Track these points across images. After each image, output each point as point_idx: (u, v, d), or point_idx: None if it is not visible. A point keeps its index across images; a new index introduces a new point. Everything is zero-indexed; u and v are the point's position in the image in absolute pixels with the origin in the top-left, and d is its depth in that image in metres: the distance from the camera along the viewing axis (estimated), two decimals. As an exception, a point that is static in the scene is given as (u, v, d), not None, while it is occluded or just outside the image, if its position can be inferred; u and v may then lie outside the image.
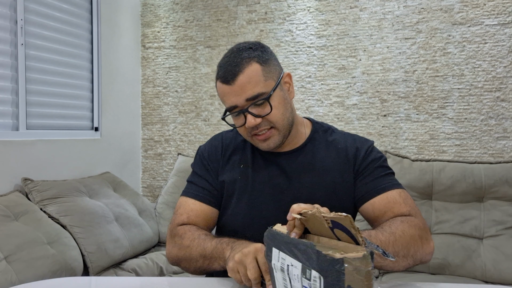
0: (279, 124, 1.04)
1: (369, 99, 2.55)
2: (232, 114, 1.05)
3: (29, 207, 1.98)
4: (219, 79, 1.04)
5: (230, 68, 1.01)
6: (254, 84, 1.00)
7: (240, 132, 1.09)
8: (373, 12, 2.53)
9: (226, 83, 1.01)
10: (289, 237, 0.72)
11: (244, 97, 1.00)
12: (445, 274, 2.04)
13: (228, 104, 1.04)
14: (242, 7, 2.82)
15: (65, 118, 2.51)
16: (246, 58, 1.01)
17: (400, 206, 1.02)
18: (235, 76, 1.00)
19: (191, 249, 1.02)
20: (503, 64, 2.30)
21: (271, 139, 1.05)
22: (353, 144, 1.12)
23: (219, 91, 1.05)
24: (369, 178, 1.07)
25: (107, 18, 2.77)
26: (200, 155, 1.19)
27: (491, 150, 2.33)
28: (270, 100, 1.02)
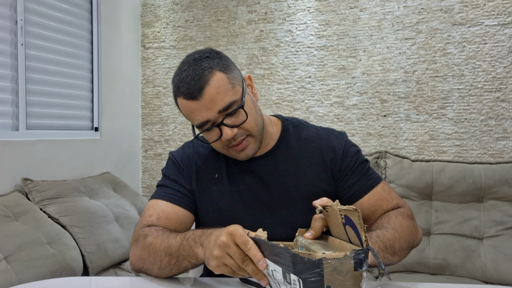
0: (254, 130, 0.99)
1: (369, 99, 2.55)
2: (204, 130, 0.97)
3: (29, 207, 1.98)
4: (181, 96, 0.95)
5: (193, 82, 0.92)
6: (224, 94, 0.93)
7: (215, 146, 1.01)
8: (373, 13, 2.53)
9: (192, 99, 0.93)
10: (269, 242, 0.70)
11: (216, 109, 0.93)
12: (445, 274, 2.04)
13: (198, 120, 0.95)
14: (242, 7, 2.82)
15: (65, 118, 2.51)
16: (208, 68, 0.93)
17: (388, 202, 1.04)
18: (201, 90, 0.92)
19: (155, 246, 0.92)
20: (503, 65, 2.30)
21: (248, 147, 1.00)
22: (328, 143, 1.07)
23: (185, 109, 0.96)
24: (353, 179, 1.05)
25: (107, 18, 2.77)
26: (172, 160, 1.12)
27: (491, 151, 2.33)
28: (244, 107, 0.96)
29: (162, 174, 1.12)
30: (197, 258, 0.85)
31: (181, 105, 0.97)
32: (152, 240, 0.93)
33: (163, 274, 0.94)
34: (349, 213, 0.67)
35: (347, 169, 1.05)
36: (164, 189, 1.07)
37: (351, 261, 0.60)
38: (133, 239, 1.01)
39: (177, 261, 0.89)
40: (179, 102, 0.97)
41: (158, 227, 0.99)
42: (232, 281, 0.95)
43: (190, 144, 1.15)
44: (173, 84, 0.99)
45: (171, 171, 1.10)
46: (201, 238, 0.83)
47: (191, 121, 0.98)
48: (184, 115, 0.99)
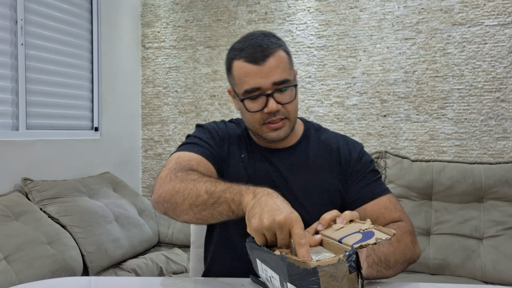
0: (292, 116, 1.03)
1: (369, 99, 2.55)
2: (251, 96, 0.98)
3: (29, 207, 1.98)
4: (242, 58, 0.98)
5: (260, 49, 0.96)
6: (282, 69, 0.98)
7: (250, 118, 1.02)
8: (373, 13, 2.53)
9: (254, 63, 0.96)
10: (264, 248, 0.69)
11: (272, 80, 0.96)
12: (445, 274, 2.04)
13: (249, 85, 0.97)
14: (242, 7, 2.82)
15: (65, 118, 2.51)
16: (275, 43, 0.99)
17: (391, 212, 1.04)
18: (266, 57, 0.96)
19: (198, 182, 0.86)
20: (503, 65, 2.30)
21: (282, 129, 1.02)
22: (346, 147, 1.11)
23: (240, 71, 0.98)
24: (361, 184, 1.07)
25: (107, 18, 2.77)
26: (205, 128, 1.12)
27: (491, 151, 2.33)
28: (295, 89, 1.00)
29: (189, 136, 1.10)
30: (239, 205, 0.78)
31: (237, 68, 0.99)
32: (196, 178, 0.88)
33: (190, 212, 0.86)
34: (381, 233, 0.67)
35: (359, 173, 1.08)
36: (197, 147, 1.04)
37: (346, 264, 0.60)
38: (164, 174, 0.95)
39: (215, 201, 0.81)
40: (236, 65, 0.99)
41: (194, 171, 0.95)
42: (233, 281, 0.94)
43: (222, 122, 1.16)
44: (233, 48, 1.01)
45: (203, 135, 1.09)
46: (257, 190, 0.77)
47: (240, 85, 0.99)
48: (235, 78, 1.00)
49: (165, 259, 2.27)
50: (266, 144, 1.10)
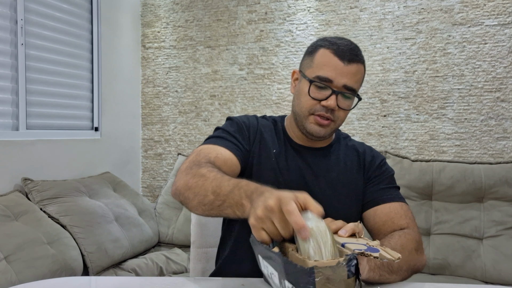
0: (339, 123, 1.08)
1: (369, 99, 2.55)
2: (319, 83, 1.03)
3: (29, 207, 1.98)
4: (332, 49, 1.03)
5: (351, 52, 1.02)
6: (357, 80, 1.04)
7: (304, 103, 1.06)
8: (373, 13, 2.53)
9: (340, 58, 1.02)
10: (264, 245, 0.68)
11: (345, 81, 1.02)
12: (445, 274, 2.04)
13: (324, 73, 1.02)
14: (242, 7, 2.82)
15: (65, 118, 2.51)
16: (361, 57, 1.05)
17: (400, 218, 1.06)
18: (351, 61, 1.02)
19: (206, 180, 0.87)
20: (503, 65, 2.30)
21: (325, 128, 1.07)
22: (370, 153, 1.18)
23: (324, 58, 1.03)
24: (378, 186, 1.12)
25: (107, 18, 2.77)
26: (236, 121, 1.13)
27: (491, 151, 2.33)
28: (354, 101, 1.07)
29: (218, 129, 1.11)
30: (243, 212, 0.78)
31: (322, 54, 1.04)
32: (205, 173, 0.89)
33: (200, 209, 0.89)
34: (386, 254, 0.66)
35: (377, 177, 1.14)
36: (221, 140, 1.06)
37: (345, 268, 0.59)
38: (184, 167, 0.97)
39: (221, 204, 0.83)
40: (322, 52, 1.04)
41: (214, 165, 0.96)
42: (233, 281, 0.94)
43: (254, 117, 1.18)
44: (325, 39, 1.06)
45: (232, 128, 1.11)
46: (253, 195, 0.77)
47: (317, 70, 1.03)
48: (314, 62, 1.05)
49: (165, 259, 2.27)
50: (301, 142, 1.14)
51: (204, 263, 1.22)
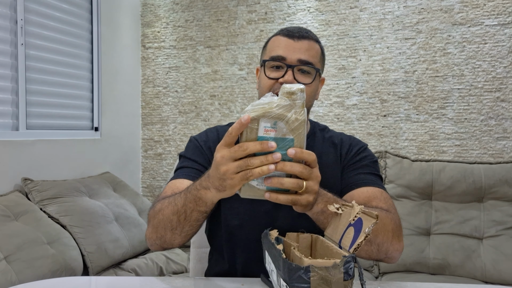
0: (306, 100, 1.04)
1: (369, 99, 2.55)
2: (273, 62, 1.04)
3: (29, 207, 1.98)
4: (281, 34, 1.06)
5: (301, 32, 1.05)
6: (312, 55, 1.04)
7: (264, 86, 1.06)
8: (373, 13, 2.53)
9: (290, 38, 1.04)
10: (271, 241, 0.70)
11: (299, 56, 1.02)
12: (445, 274, 2.04)
13: (277, 52, 1.03)
14: (242, 7, 2.82)
15: (65, 118, 2.51)
16: (314, 37, 1.07)
17: (379, 202, 0.99)
18: (303, 38, 1.03)
19: (163, 210, 0.92)
20: (503, 65, 2.30)
21: None
22: (348, 141, 1.13)
23: (274, 42, 1.06)
24: (354, 172, 1.06)
25: (107, 18, 2.77)
26: (193, 142, 1.13)
27: (491, 151, 2.33)
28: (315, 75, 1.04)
29: (180, 157, 1.13)
30: (206, 204, 0.83)
31: (273, 40, 1.08)
32: (160, 206, 0.93)
33: (177, 236, 0.92)
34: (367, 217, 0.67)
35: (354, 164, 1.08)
36: (182, 170, 1.08)
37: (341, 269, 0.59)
38: (148, 218, 1.00)
39: (185, 216, 0.87)
40: (273, 39, 1.08)
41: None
42: (233, 281, 0.94)
43: (214, 130, 1.16)
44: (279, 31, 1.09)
45: (190, 152, 1.12)
46: (202, 182, 0.81)
47: (269, 53, 1.06)
48: (267, 49, 1.08)
49: (165, 259, 2.27)
50: None
51: (204, 263, 1.22)
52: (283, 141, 0.68)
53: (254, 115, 0.68)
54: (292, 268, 0.59)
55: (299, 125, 0.68)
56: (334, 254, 0.69)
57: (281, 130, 0.68)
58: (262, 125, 0.68)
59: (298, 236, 0.82)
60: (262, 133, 0.68)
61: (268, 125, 0.68)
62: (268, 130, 0.68)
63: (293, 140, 0.68)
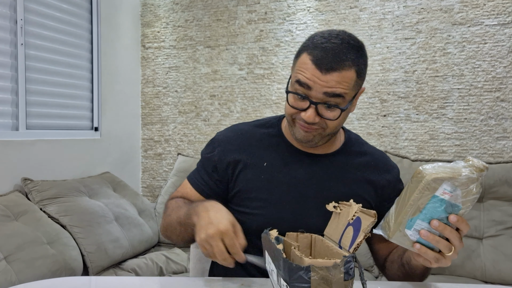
0: (329, 131, 0.97)
1: (369, 99, 2.55)
2: (295, 93, 0.94)
3: (28, 207, 1.98)
4: (311, 56, 0.91)
5: (332, 58, 0.90)
6: (342, 88, 0.91)
7: (288, 110, 0.97)
8: (373, 12, 2.53)
9: (317, 67, 0.90)
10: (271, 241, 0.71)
11: (325, 90, 0.90)
12: (445, 274, 2.04)
13: (303, 79, 0.91)
14: (242, 7, 2.82)
15: (65, 118, 2.51)
16: (351, 60, 0.91)
17: None
18: (331, 70, 0.89)
19: (171, 217, 1.03)
20: (503, 64, 2.30)
21: (311, 134, 0.97)
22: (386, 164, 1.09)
23: (302, 65, 0.93)
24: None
25: (107, 18, 2.77)
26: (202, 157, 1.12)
27: (491, 150, 2.33)
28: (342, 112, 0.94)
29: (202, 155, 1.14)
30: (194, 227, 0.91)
31: (302, 60, 0.93)
32: (170, 212, 1.05)
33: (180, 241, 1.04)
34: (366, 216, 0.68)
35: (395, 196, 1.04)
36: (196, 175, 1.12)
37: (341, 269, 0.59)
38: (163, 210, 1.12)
39: (185, 228, 0.96)
40: (304, 57, 0.93)
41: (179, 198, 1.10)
42: (233, 281, 0.95)
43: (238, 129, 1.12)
44: (313, 38, 0.95)
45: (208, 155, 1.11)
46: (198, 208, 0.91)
47: (295, 75, 0.94)
48: (296, 66, 0.96)
49: (165, 259, 2.27)
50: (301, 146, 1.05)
51: (204, 263, 1.22)
52: (452, 206, 0.73)
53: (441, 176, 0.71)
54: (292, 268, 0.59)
55: (473, 199, 0.73)
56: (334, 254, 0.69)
57: (456, 197, 0.72)
58: (443, 186, 0.72)
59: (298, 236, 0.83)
60: (440, 193, 0.72)
61: (448, 188, 0.72)
62: (446, 193, 0.72)
63: (460, 208, 0.73)
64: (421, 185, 0.72)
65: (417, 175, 0.74)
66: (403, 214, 0.74)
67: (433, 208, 0.73)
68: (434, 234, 0.74)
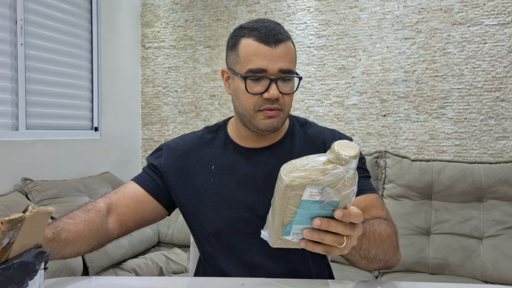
0: (287, 109, 1.00)
1: (369, 99, 2.55)
2: (253, 76, 0.95)
3: (29, 207, 1.98)
4: (253, 37, 0.95)
5: (274, 32, 0.94)
6: (290, 59, 0.96)
7: (246, 102, 0.98)
8: (373, 12, 2.53)
9: (266, 44, 0.94)
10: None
11: (280, 66, 0.94)
12: (445, 274, 2.04)
13: (257, 65, 0.94)
14: (242, 7, 2.82)
15: (65, 118, 2.51)
16: (286, 33, 0.97)
17: (378, 210, 0.98)
18: (279, 42, 0.94)
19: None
20: (502, 64, 2.30)
21: (275, 118, 0.98)
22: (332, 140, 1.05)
23: (249, 49, 0.95)
24: None
25: (107, 18, 2.77)
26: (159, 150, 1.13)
27: (491, 150, 2.33)
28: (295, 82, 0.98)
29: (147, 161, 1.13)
30: None
31: (245, 45, 0.96)
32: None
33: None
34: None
35: None
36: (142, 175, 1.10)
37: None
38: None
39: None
40: (244, 42, 0.96)
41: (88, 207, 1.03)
42: (233, 281, 0.95)
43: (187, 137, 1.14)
44: (243, 26, 0.99)
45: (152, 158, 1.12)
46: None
47: (245, 64, 0.96)
48: (240, 56, 0.97)
49: (165, 259, 2.27)
50: (248, 143, 1.06)
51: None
52: (330, 204, 0.66)
53: (299, 182, 0.63)
54: None
55: (351, 191, 0.66)
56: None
57: (329, 195, 0.65)
58: (308, 190, 0.64)
59: None
60: (307, 197, 0.65)
61: (315, 191, 0.64)
62: (314, 195, 0.65)
63: (338, 202, 0.66)
64: (283, 192, 0.65)
65: (279, 178, 0.67)
66: (277, 223, 0.69)
67: (307, 210, 0.66)
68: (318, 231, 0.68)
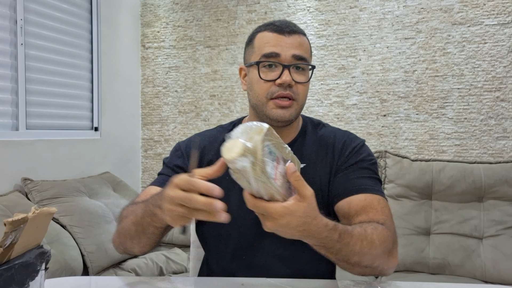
0: (301, 99, 0.99)
1: (369, 99, 2.55)
2: (267, 62, 0.96)
3: (28, 207, 1.97)
4: (268, 29, 0.98)
5: (288, 25, 0.98)
6: (305, 50, 0.98)
7: (259, 90, 0.98)
8: (373, 12, 2.53)
9: (279, 33, 0.97)
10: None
11: (293, 52, 0.96)
12: (445, 274, 2.04)
13: (269, 49, 0.96)
14: (242, 7, 2.82)
15: (65, 118, 2.51)
16: (302, 30, 1.01)
17: (377, 213, 0.92)
18: (292, 32, 0.97)
19: (126, 218, 0.92)
20: (502, 64, 2.30)
21: (288, 109, 0.97)
22: (342, 139, 1.04)
23: (263, 39, 0.98)
24: (351, 176, 0.98)
25: (107, 18, 2.77)
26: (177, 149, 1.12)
27: (491, 150, 2.33)
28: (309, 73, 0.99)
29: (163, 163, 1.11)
30: (161, 221, 0.79)
31: (260, 37, 0.99)
32: (124, 212, 0.96)
33: (135, 245, 0.93)
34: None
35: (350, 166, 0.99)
36: (160, 177, 1.07)
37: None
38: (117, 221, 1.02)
39: (143, 228, 0.86)
40: (260, 35, 1.00)
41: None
42: (233, 281, 0.95)
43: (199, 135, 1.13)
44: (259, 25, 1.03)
45: (173, 159, 1.10)
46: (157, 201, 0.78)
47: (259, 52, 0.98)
48: (254, 47, 1.00)
49: (165, 259, 2.27)
50: None
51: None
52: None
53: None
54: None
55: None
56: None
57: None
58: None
59: None
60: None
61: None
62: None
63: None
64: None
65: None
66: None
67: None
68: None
